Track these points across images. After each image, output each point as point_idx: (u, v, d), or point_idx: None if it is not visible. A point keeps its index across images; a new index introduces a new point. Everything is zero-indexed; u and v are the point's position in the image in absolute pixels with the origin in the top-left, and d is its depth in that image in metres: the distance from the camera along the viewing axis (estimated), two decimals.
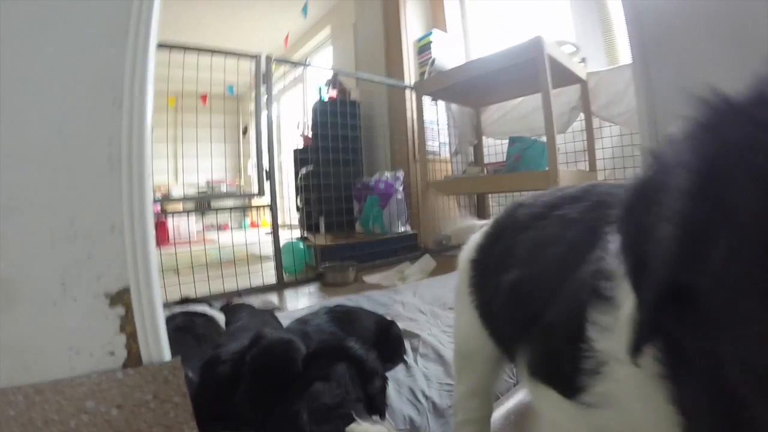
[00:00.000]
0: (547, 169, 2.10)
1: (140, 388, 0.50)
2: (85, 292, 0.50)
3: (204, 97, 2.40)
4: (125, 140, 0.51)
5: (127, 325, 0.51)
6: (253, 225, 6.53)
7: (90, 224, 0.51)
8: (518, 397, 0.83)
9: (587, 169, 2.58)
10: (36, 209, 0.49)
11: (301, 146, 3.47)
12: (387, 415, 0.76)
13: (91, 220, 0.51)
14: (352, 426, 0.59)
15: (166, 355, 0.54)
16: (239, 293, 1.87)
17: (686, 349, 0.25)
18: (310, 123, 3.35)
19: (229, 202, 3.59)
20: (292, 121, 3.96)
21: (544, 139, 2.28)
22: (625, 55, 2.58)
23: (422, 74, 3.16)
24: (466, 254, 0.59)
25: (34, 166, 0.48)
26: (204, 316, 1.10)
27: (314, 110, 3.19)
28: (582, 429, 0.36)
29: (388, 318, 1.15)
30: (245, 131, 6.83)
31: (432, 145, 3.17)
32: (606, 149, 2.57)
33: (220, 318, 1.17)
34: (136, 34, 0.52)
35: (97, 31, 0.50)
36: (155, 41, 0.54)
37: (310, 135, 3.35)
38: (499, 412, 0.78)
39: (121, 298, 0.51)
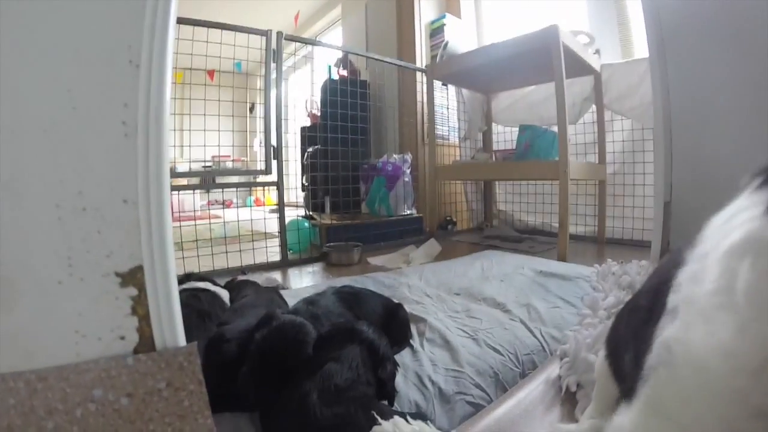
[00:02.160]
0: (557, 158, 2.08)
1: (153, 375, 0.47)
2: (94, 271, 0.46)
3: (212, 73, 2.37)
4: (142, 104, 0.48)
5: (139, 306, 0.48)
6: (258, 203, 6.52)
7: (100, 197, 0.47)
8: (528, 388, 0.83)
9: (596, 162, 2.55)
10: (40, 181, 0.44)
11: (308, 124, 3.43)
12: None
13: (102, 192, 0.47)
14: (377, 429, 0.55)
15: (181, 339, 0.51)
16: (243, 270, 1.87)
17: None
18: (318, 101, 3.31)
19: (234, 179, 3.57)
20: (300, 100, 3.92)
21: (555, 128, 2.25)
22: (639, 49, 2.54)
23: (434, 57, 3.12)
24: None
25: (38, 132, 0.44)
26: (208, 291, 1.09)
27: (323, 89, 3.14)
28: None
29: (395, 301, 1.14)
30: (252, 108, 6.78)
31: (441, 129, 3.15)
32: (616, 143, 2.54)
33: (225, 294, 1.16)
34: None
35: None
36: None
37: (318, 113, 3.31)
38: (505, 406, 0.77)
39: (133, 277, 0.48)
